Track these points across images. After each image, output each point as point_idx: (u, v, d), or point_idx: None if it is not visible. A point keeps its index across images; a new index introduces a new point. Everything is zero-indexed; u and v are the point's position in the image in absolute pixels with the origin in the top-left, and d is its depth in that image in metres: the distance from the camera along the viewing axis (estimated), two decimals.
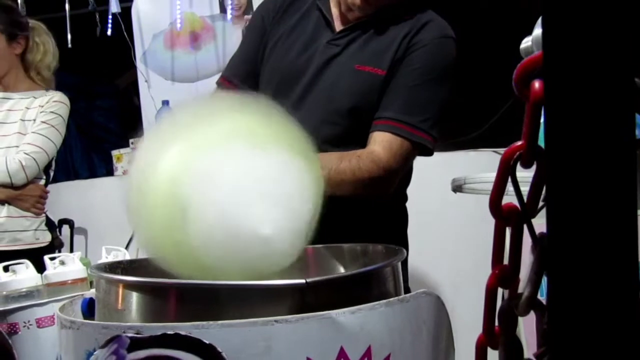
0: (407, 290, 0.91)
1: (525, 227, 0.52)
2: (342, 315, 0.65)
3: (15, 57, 2.25)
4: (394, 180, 1.35)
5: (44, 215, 2.27)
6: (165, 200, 0.72)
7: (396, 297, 0.72)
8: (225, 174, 0.73)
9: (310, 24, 1.43)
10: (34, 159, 2.16)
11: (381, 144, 1.32)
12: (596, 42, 0.37)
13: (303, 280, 0.67)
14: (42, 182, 2.27)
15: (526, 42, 1.02)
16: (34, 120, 2.21)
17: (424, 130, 1.33)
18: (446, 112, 1.39)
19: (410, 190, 1.56)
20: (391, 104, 1.34)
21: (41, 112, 2.22)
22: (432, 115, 1.35)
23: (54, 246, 2.30)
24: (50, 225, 2.32)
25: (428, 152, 1.38)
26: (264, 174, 0.74)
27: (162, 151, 0.74)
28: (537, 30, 0.97)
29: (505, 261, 0.55)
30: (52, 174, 2.33)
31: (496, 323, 0.57)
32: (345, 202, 0.80)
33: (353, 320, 0.66)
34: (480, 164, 2.44)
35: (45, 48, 2.31)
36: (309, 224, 0.77)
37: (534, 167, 0.53)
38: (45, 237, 2.26)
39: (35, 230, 2.22)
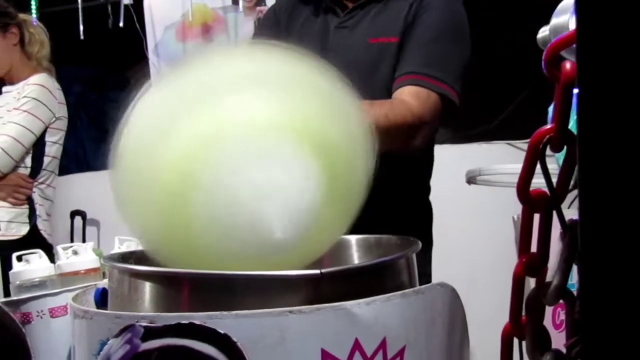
0: (430, 282, 0.89)
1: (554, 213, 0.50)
2: (357, 306, 0.64)
3: (14, 48, 2.21)
4: (425, 132, 1.32)
5: (26, 206, 2.18)
6: (177, 177, 0.67)
7: (411, 289, 0.71)
8: (242, 162, 0.68)
9: (320, 14, 1.45)
10: (3, 150, 2.09)
11: (409, 94, 1.30)
12: (632, 18, 0.35)
13: (318, 271, 0.66)
14: (26, 171, 2.18)
15: (543, 32, 1.01)
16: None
17: (447, 83, 1.32)
18: (466, 74, 1.36)
19: None
20: (410, 59, 1.33)
21: (17, 99, 2.15)
22: (452, 70, 1.34)
23: (33, 241, 2.11)
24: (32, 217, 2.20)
25: (454, 107, 1.35)
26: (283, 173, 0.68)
27: (173, 124, 0.71)
28: (555, 20, 0.96)
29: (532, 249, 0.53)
30: (46, 161, 2.22)
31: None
32: (370, 193, 0.77)
33: (368, 311, 0.65)
34: (494, 156, 2.42)
35: (40, 38, 2.28)
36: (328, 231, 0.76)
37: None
38: (20, 231, 2.16)
39: (9, 222, 2.14)
